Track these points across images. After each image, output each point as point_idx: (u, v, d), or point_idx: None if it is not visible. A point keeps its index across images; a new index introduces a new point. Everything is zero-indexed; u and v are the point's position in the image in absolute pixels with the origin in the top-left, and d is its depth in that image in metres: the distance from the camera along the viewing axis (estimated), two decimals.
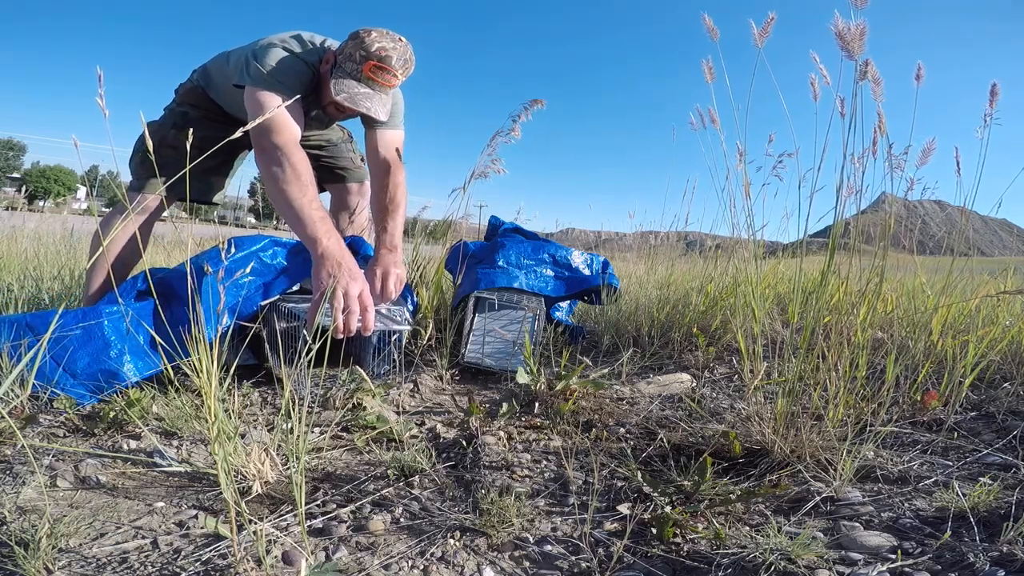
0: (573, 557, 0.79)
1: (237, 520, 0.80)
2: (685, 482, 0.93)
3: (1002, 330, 1.51)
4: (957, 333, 1.46)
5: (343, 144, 2.00)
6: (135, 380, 1.30)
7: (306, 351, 0.89)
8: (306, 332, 1.32)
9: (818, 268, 1.27)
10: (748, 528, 0.86)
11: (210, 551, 0.77)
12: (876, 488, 0.98)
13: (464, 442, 1.16)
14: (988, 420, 1.30)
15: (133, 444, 1.12)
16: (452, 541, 0.82)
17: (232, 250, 1.50)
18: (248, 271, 1.46)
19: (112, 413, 1.17)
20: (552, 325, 1.95)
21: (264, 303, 1.46)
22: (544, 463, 1.10)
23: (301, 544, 0.77)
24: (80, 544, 0.78)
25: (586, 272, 1.96)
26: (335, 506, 0.91)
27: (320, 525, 0.85)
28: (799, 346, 1.15)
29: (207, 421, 0.69)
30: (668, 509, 0.84)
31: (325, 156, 1.96)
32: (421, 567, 0.76)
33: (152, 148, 0.82)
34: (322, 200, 1.49)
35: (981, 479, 0.95)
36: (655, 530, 0.84)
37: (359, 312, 1.31)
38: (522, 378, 1.39)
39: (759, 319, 1.31)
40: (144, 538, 0.80)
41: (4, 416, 1.01)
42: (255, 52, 1.48)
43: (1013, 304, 1.78)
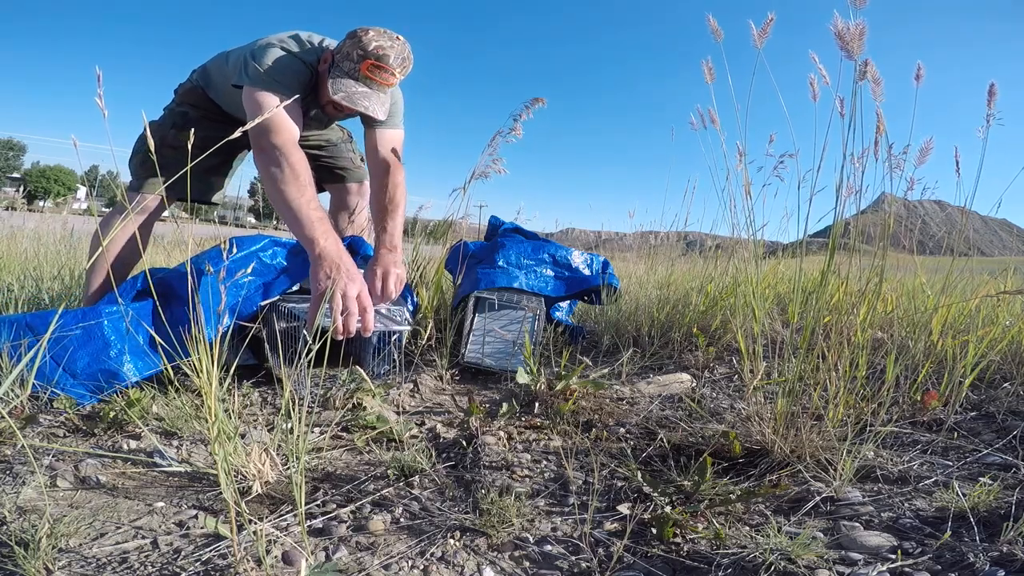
0: (573, 557, 0.79)
1: (237, 520, 0.80)
2: (685, 482, 0.93)
3: (1002, 330, 1.51)
4: (957, 333, 1.46)
5: (343, 144, 2.00)
6: (135, 380, 1.30)
7: (306, 351, 0.89)
8: (306, 333, 1.32)
9: (818, 268, 1.27)
10: (748, 528, 0.86)
11: (210, 551, 0.77)
12: (876, 488, 0.98)
13: (464, 442, 1.16)
14: (988, 420, 1.30)
15: (133, 444, 1.12)
16: (452, 541, 0.82)
17: (233, 250, 1.50)
18: (248, 271, 1.46)
19: (112, 413, 1.17)
20: (552, 325, 1.95)
21: (264, 303, 1.46)
22: (544, 463, 1.10)
23: (301, 544, 0.77)
24: (80, 544, 0.78)
25: (586, 272, 1.96)
26: (335, 506, 0.91)
27: (320, 525, 0.85)
28: (799, 346, 1.15)
29: (207, 421, 0.69)
30: (668, 509, 0.84)
31: (325, 156, 1.96)
32: (421, 567, 0.76)
33: (153, 148, 0.82)
34: (322, 200, 1.49)
35: (981, 479, 0.95)
36: (655, 530, 0.84)
37: (358, 313, 1.31)
38: (522, 378, 1.39)
39: (759, 319, 1.31)
40: (144, 538, 0.80)
41: (4, 416, 1.01)
42: (253, 52, 1.48)
43: (1013, 304, 1.78)
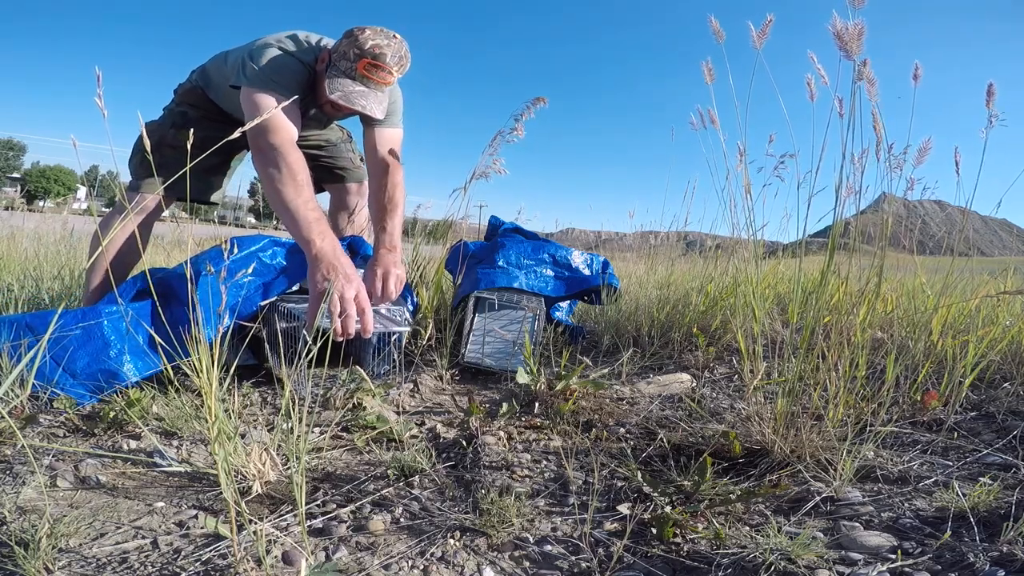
0: (573, 557, 0.79)
1: (237, 520, 0.80)
2: (685, 482, 0.93)
3: (1002, 330, 1.51)
4: (957, 333, 1.46)
5: (342, 144, 2.00)
6: (135, 380, 1.30)
7: (306, 352, 0.89)
8: (306, 333, 1.32)
9: (818, 268, 1.27)
10: (748, 528, 0.86)
11: (210, 551, 0.77)
12: (876, 488, 0.98)
13: (464, 442, 1.16)
14: (988, 420, 1.30)
15: (133, 444, 1.12)
16: (452, 541, 0.82)
17: (234, 250, 1.50)
18: (248, 271, 1.46)
19: (112, 413, 1.17)
20: (552, 325, 1.95)
21: (263, 303, 1.46)
22: (544, 463, 1.10)
23: (301, 544, 0.77)
24: (80, 544, 0.78)
25: (586, 272, 1.96)
26: (335, 506, 0.91)
27: (320, 525, 0.85)
28: (799, 346, 1.15)
29: (207, 421, 0.69)
30: (668, 509, 0.84)
31: (324, 156, 1.96)
32: (421, 567, 0.76)
33: (151, 148, 0.82)
34: (321, 200, 1.49)
35: (981, 479, 0.95)
36: (655, 530, 0.84)
37: (356, 315, 1.31)
38: (522, 378, 1.39)
39: (759, 319, 1.31)
40: (144, 538, 0.80)
41: (4, 416, 1.01)
42: (251, 53, 1.48)
43: (1013, 304, 1.78)
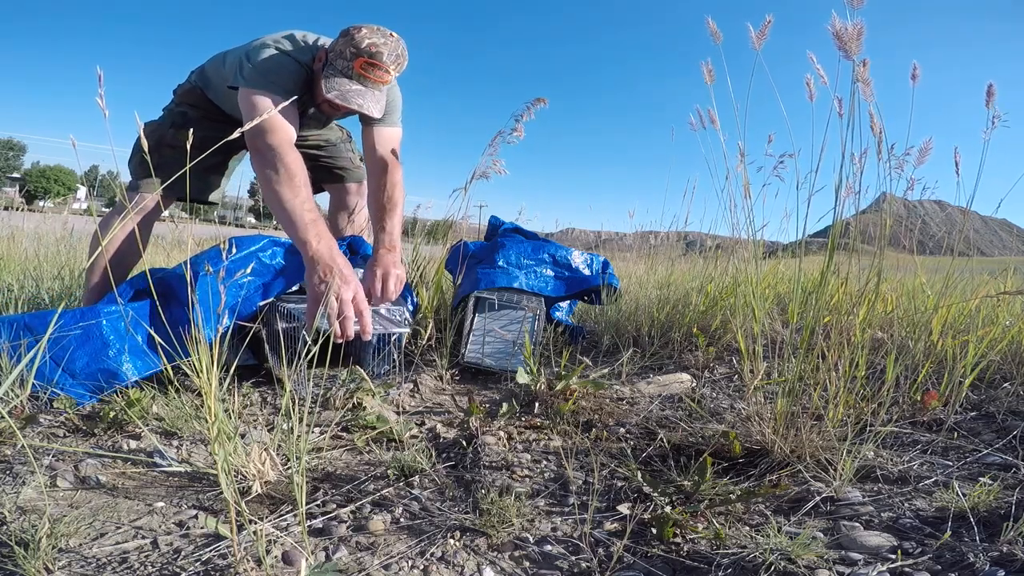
0: (573, 557, 0.79)
1: (237, 520, 0.80)
2: (685, 482, 0.93)
3: (1002, 330, 1.51)
4: (957, 333, 1.46)
5: (342, 144, 1.99)
6: (134, 379, 1.30)
7: (306, 352, 0.89)
8: (306, 334, 1.32)
9: (818, 268, 1.27)
10: (748, 528, 0.86)
11: (210, 551, 0.77)
12: (876, 488, 0.98)
13: (464, 442, 1.16)
14: (988, 420, 1.30)
15: (133, 444, 1.12)
16: (452, 541, 0.82)
17: (232, 250, 1.50)
18: (248, 271, 1.46)
19: (112, 413, 1.17)
20: (552, 325, 1.95)
21: (263, 303, 1.46)
22: (544, 463, 1.10)
23: (301, 544, 0.77)
24: (80, 544, 0.78)
25: (586, 272, 1.96)
26: (335, 506, 0.91)
27: (320, 525, 0.85)
28: (799, 346, 1.15)
29: (207, 421, 0.69)
30: (668, 509, 0.84)
31: (324, 156, 1.95)
32: (421, 567, 0.76)
33: (150, 148, 0.82)
34: (321, 200, 1.49)
35: (981, 479, 0.95)
36: (655, 530, 0.84)
37: (354, 316, 1.31)
38: (522, 378, 1.39)
39: (759, 319, 1.31)
40: (144, 538, 0.80)
41: (4, 416, 1.01)
42: (248, 53, 1.48)
43: (1013, 304, 1.78)
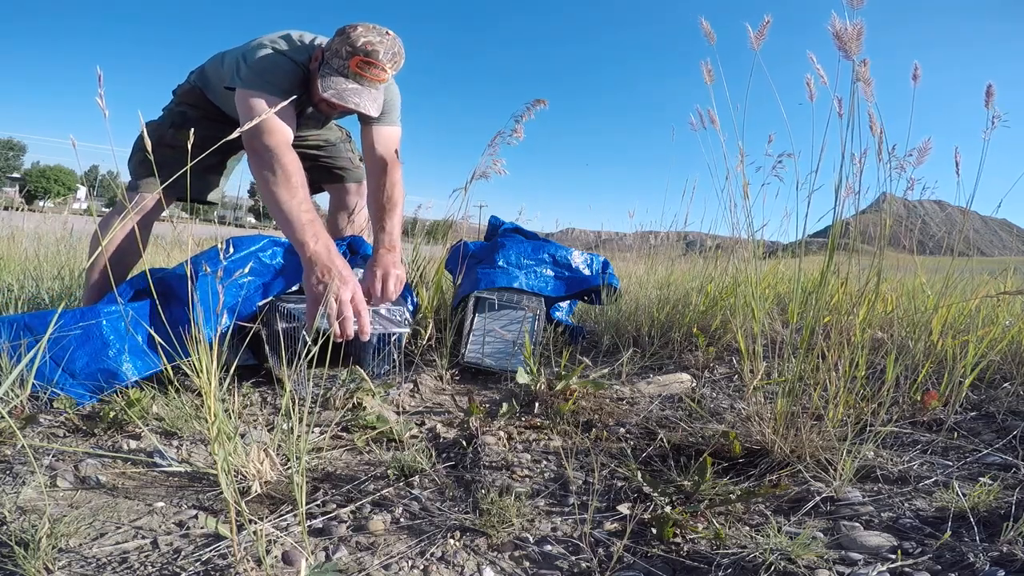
0: (573, 557, 0.79)
1: (237, 520, 0.80)
2: (685, 482, 0.93)
3: (1002, 330, 1.51)
4: (957, 333, 1.46)
5: (341, 144, 1.99)
6: (134, 379, 1.30)
7: (305, 352, 0.89)
8: (306, 335, 1.32)
9: (818, 268, 1.27)
10: (748, 528, 0.86)
11: (210, 551, 0.77)
12: (876, 488, 0.98)
13: (464, 442, 1.16)
14: (988, 420, 1.30)
15: (133, 444, 1.12)
16: (452, 541, 0.82)
17: (231, 250, 1.50)
18: (247, 271, 1.46)
19: (112, 413, 1.17)
20: (552, 325, 1.95)
21: (263, 303, 1.46)
22: (544, 463, 1.10)
23: (301, 544, 0.77)
24: (80, 544, 0.78)
25: (586, 272, 1.96)
26: (335, 506, 0.91)
27: (320, 525, 0.85)
28: (799, 346, 1.15)
29: (207, 421, 0.69)
30: (668, 509, 0.84)
31: (323, 156, 1.95)
32: (421, 567, 0.76)
33: (150, 147, 0.81)
34: (321, 200, 1.49)
35: (981, 479, 0.95)
36: (655, 530, 0.84)
37: (353, 316, 1.31)
38: (522, 378, 1.39)
39: (759, 319, 1.31)
40: (144, 538, 0.80)
41: (4, 416, 1.01)
42: (244, 54, 1.48)
43: (1013, 304, 1.79)
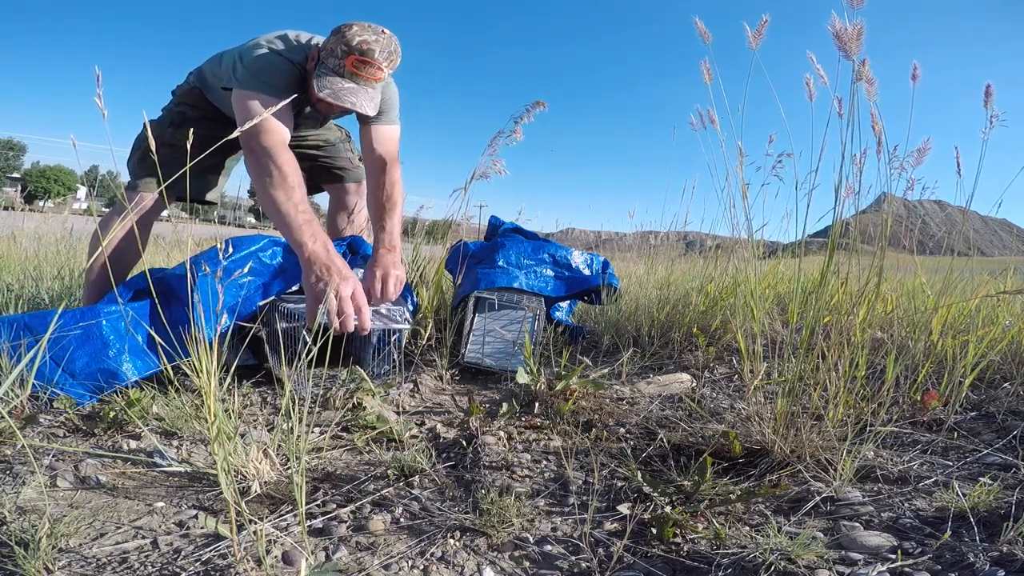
0: (573, 557, 0.79)
1: (237, 520, 0.80)
2: (685, 482, 0.93)
3: (1002, 330, 1.51)
4: (957, 333, 1.46)
5: (341, 144, 1.99)
6: (134, 379, 1.30)
7: (306, 352, 0.89)
8: (306, 335, 1.33)
9: (818, 268, 1.27)
10: (748, 528, 0.86)
11: (210, 551, 0.77)
12: (876, 488, 0.98)
13: (464, 442, 1.16)
14: (988, 420, 1.30)
15: (133, 444, 1.12)
16: (452, 541, 0.82)
17: (231, 250, 1.50)
18: (247, 271, 1.46)
19: (112, 413, 1.17)
20: (552, 325, 1.95)
21: (263, 303, 1.46)
22: (544, 463, 1.10)
23: (301, 544, 0.77)
24: (80, 544, 0.78)
25: (586, 272, 1.96)
26: (335, 506, 0.91)
27: (320, 525, 0.85)
28: (799, 346, 1.15)
29: (207, 421, 0.69)
30: (668, 509, 0.84)
31: (323, 156, 1.95)
32: (421, 567, 0.76)
33: (153, 146, 0.81)
34: (320, 200, 1.49)
35: (981, 479, 0.95)
36: (655, 530, 0.84)
37: (353, 313, 1.31)
38: (522, 378, 1.39)
39: (759, 319, 1.31)
40: (144, 538, 0.80)
41: (4, 416, 1.01)
42: (241, 54, 1.49)
43: (1013, 304, 1.79)
